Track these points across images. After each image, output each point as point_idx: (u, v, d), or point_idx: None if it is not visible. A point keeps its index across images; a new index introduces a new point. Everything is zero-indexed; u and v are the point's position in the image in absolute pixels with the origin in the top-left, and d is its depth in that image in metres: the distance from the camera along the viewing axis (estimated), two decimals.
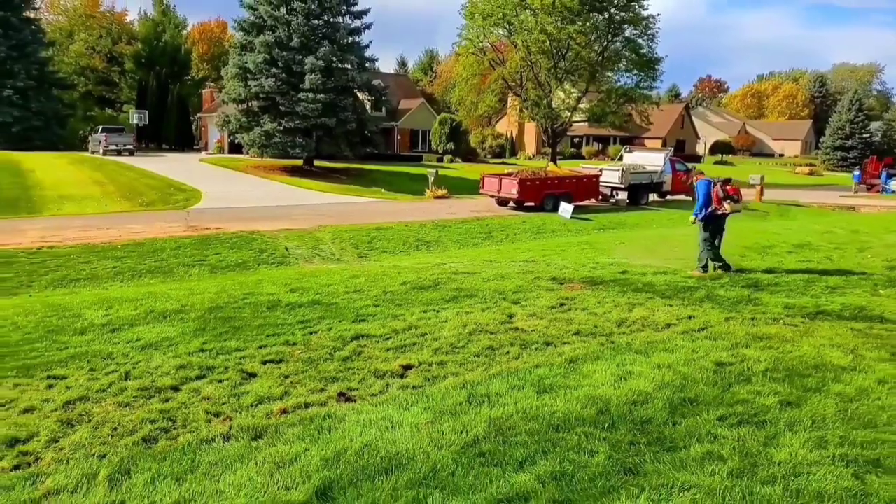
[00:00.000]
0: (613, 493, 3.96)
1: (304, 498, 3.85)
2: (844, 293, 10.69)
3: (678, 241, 19.34)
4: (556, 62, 55.19)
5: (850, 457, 4.53)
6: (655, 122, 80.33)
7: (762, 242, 17.74)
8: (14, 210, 27.01)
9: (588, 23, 53.64)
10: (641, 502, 3.86)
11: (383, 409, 5.37)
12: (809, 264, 13.87)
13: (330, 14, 40.88)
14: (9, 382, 5.98)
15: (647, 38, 56.49)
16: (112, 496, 3.92)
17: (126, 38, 68.63)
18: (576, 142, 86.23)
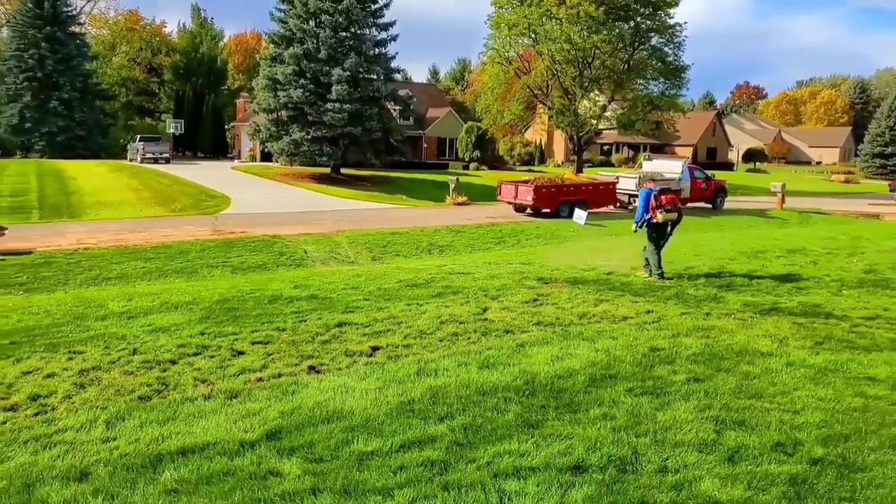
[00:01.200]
0: (507, 439, 4.87)
1: (256, 437, 4.85)
2: (808, 293, 11.36)
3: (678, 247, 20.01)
4: (582, 71, 55.86)
5: (721, 418, 5.36)
6: (686, 130, 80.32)
7: (756, 247, 18.31)
8: (57, 214, 28.71)
9: (613, 32, 54.20)
10: (527, 445, 4.76)
11: (343, 378, 6.35)
12: (792, 268, 14.47)
13: (357, 26, 42.19)
14: (37, 356, 7.11)
15: (674, 46, 56.75)
16: (108, 433, 4.97)
17: (165, 49, 71.15)
18: (605, 149, 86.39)
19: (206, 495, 4.01)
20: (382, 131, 42.06)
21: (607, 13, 52.68)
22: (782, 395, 5.95)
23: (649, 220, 13.10)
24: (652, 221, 13.02)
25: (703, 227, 29.89)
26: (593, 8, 51.51)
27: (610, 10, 53.17)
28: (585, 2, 51.59)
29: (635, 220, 13.71)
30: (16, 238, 20.25)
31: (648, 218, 13.14)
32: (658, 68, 56.55)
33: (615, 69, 55.87)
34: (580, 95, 56.42)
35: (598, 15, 51.70)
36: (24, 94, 49.93)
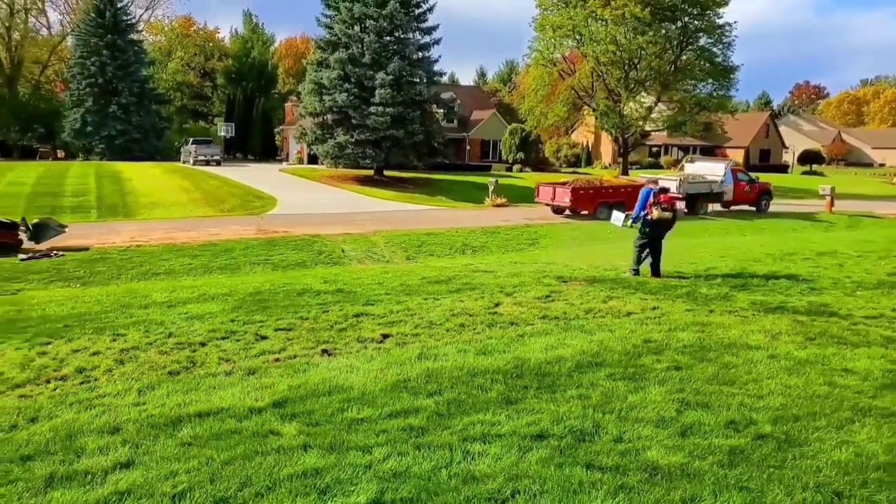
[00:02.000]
0: (484, 412, 5.47)
1: (264, 405, 5.56)
2: (822, 294, 11.59)
3: (706, 248, 20.22)
4: (627, 72, 55.76)
5: (687, 400, 5.85)
6: (738, 131, 79.06)
7: (787, 250, 18.41)
8: (113, 214, 30.29)
9: (659, 33, 53.91)
10: (500, 417, 5.35)
11: (351, 360, 7.03)
12: (815, 270, 14.61)
13: (400, 31, 43.06)
14: (86, 337, 8.00)
15: (723, 46, 56.10)
16: (139, 399, 5.75)
17: (218, 54, 73.45)
18: (654, 151, 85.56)
19: (214, 447, 4.71)
20: (424, 134, 42.85)
21: (653, 14, 52.44)
22: (754, 383, 6.38)
23: (645, 216, 13.55)
24: (647, 218, 13.45)
25: (744, 231, 29.81)
26: (639, 9, 51.37)
27: (656, 11, 52.92)
28: (631, 2, 51.49)
29: (632, 215, 14.14)
30: (75, 236, 21.63)
31: (644, 214, 13.59)
32: (706, 69, 55.95)
33: (661, 70, 55.58)
34: (625, 97, 56.26)
35: (643, 16, 51.51)
36: (86, 100, 52.47)
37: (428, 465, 4.45)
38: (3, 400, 5.85)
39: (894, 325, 9.14)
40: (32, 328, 8.50)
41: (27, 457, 4.62)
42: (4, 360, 7.04)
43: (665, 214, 13.46)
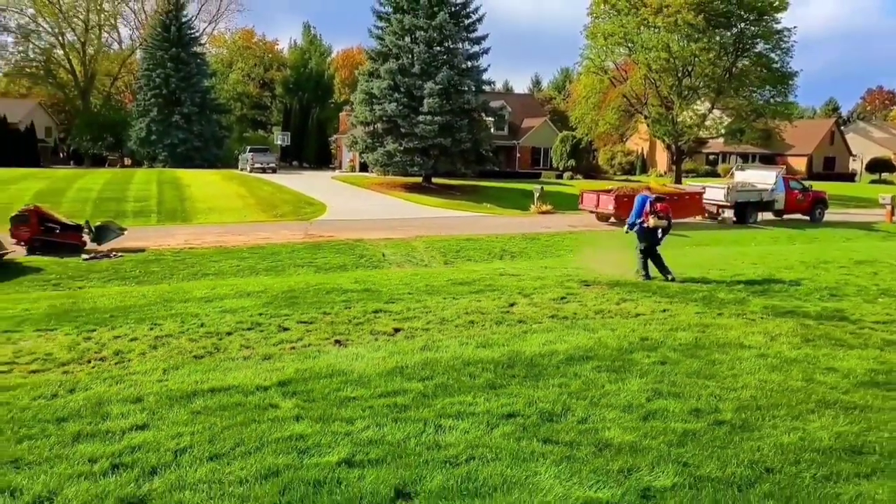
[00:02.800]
0: (465, 394, 6.00)
1: (270, 384, 6.22)
2: (842, 300, 11.66)
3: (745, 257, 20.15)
4: (681, 79, 55.29)
5: (661, 390, 6.24)
6: (801, 139, 77.14)
7: (824, 258, 18.27)
8: (172, 218, 31.80)
9: (714, 39, 53.28)
10: (479, 399, 5.87)
11: (360, 349, 7.65)
12: (846, 277, 14.57)
13: (450, 41, 43.81)
14: (127, 326, 8.85)
15: (781, 52, 55.08)
16: (163, 377, 6.50)
17: (276, 65, 75.78)
18: (711, 159, 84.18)
19: (219, 416, 5.38)
20: (472, 142, 43.44)
21: (707, 20, 51.89)
22: (733, 377, 6.73)
23: (641, 223, 13.87)
24: (643, 225, 13.76)
25: (794, 239, 29.30)
26: (692, 16, 50.96)
27: (710, 18, 52.34)
28: (684, 9, 51.11)
29: (627, 222, 14.51)
30: (133, 238, 22.99)
31: (641, 222, 13.91)
32: (762, 76, 54.90)
33: (715, 77, 54.92)
34: (678, 104, 55.73)
35: (697, 23, 51.05)
36: (151, 110, 55.08)
37: (401, 434, 5.02)
38: (49, 375, 6.68)
39: None
40: (83, 318, 9.41)
41: (62, 418, 5.38)
42: (55, 343, 7.92)
43: (661, 223, 13.81)
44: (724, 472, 4.51)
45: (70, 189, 34.96)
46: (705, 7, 51.78)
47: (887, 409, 5.83)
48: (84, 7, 67.05)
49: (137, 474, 4.34)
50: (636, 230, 14.09)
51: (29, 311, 10.09)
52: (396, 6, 43.70)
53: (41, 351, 7.50)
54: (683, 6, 51.39)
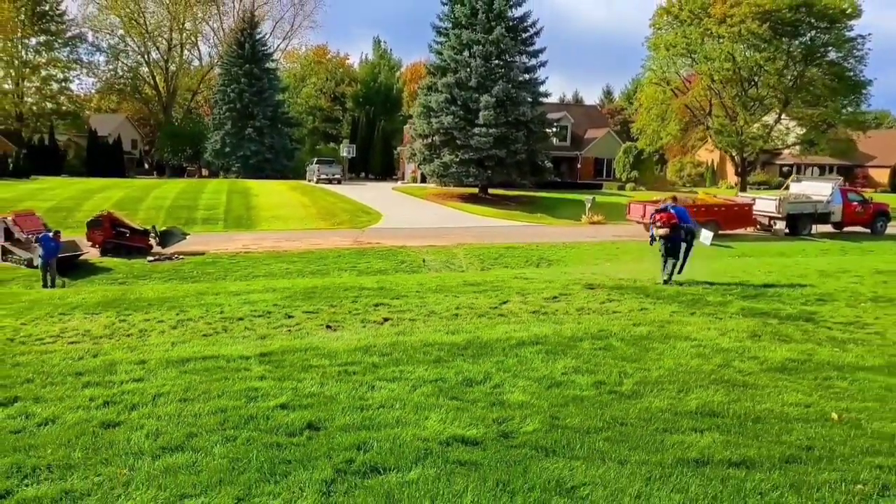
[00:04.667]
0: (410, 365, 7.13)
1: (251, 354, 7.53)
2: (825, 304, 12.13)
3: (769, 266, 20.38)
4: (746, 89, 54.69)
5: (580, 367, 7.19)
6: (884, 149, 74.45)
7: (845, 267, 18.42)
8: (237, 225, 34.07)
9: (780, 48, 52.48)
10: (419, 369, 6.98)
11: (344, 333, 8.89)
12: (852, 286, 14.81)
13: (507, 55, 44.92)
14: (158, 311, 10.40)
15: (855, 59, 53.79)
16: (170, 348, 7.92)
17: (347, 80, 78.68)
18: (785, 170, 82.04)
19: (200, 374, 6.71)
20: (527, 153, 44.37)
21: (773, 29, 51.22)
22: (655, 361, 7.61)
23: (651, 235, 14.84)
24: (655, 237, 14.74)
25: (847, 251, 28.90)
26: (756, 25, 50.47)
27: (776, 27, 51.61)
28: (749, 19, 50.66)
29: (650, 234, 15.39)
30: (196, 243, 25.10)
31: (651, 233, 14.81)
32: (832, 85, 53.52)
33: (782, 87, 54.08)
34: (742, 115, 55.07)
35: (762, 32, 50.53)
36: (226, 123, 58.51)
37: (337, 390, 6.22)
38: (82, 345, 8.21)
39: (860, 330, 9.81)
40: (125, 305, 11.04)
41: (79, 373, 6.83)
42: (96, 323, 9.51)
43: (661, 232, 14.63)
44: (583, 424, 5.49)
45: (147, 198, 37.86)
46: (771, 16, 51.11)
47: (769, 387, 6.62)
48: (168, 27, 71.95)
49: (121, 409, 5.69)
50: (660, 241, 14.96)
51: (84, 300, 11.83)
52: (455, 22, 45.22)
53: (82, 328, 9.09)
54: (748, 15, 50.90)
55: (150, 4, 71.37)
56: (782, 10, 51.39)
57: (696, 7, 55.43)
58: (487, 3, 43.76)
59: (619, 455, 4.82)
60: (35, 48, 66.71)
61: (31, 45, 66.38)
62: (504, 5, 44.24)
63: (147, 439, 4.94)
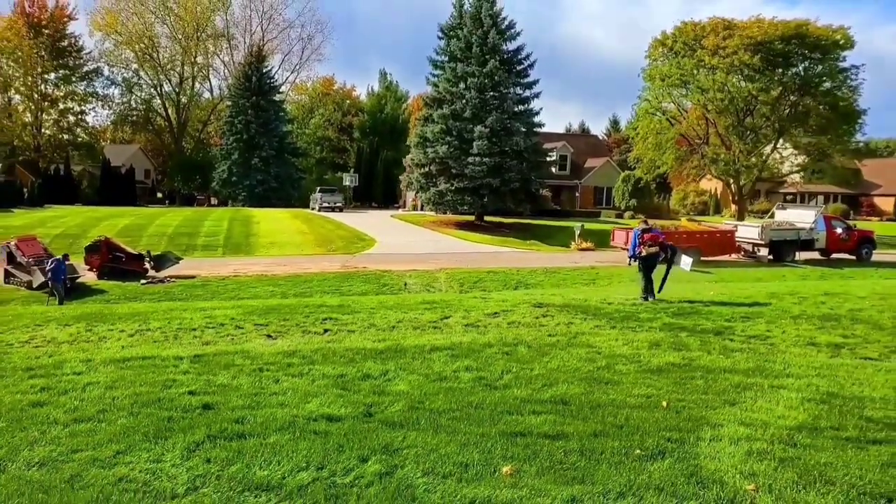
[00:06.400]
0: (323, 364, 8.14)
1: (186, 355, 8.57)
2: (749, 321, 13.00)
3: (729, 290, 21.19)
4: (742, 119, 55.75)
5: (472, 366, 8.17)
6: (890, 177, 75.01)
7: (797, 291, 19.16)
8: (236, 251, 35.31)
9: (773, 79, 53.56)
10: (327, 367, 7.99)
11: (279, 341, 9.93)
12: (790, 305, 15.58)
13: (502, 87, 46.31)
14: (123, 323, 11.51)
15: (848, 89, 54.84)
16: (119, 351, 8.98)
17: (354, 110, 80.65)
18: (788, 199, 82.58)
19: (133, 370, 7.78)
20: (521, 182, 45.51)
21: (764, 60, 52.37)
22: (543, 364, 8.57)
23: (638, 254, 15.69)
24: (640, 255, 15.59)
25: (827, 277, 29.48)
26: (748, 56, 51.67)
27: (768, 58, 52.75)
28: (741, 50, 51.87)
29: (629, 254, 16.29)
30: (189, 267, 26.31)
31: (638, 252, 15.72)
32: (825, 114, 54.39)
33: (773, 117, 55.16)
34: (736, 144, 56.09)
35: (754, 63, 51.68)
36: (233, 153, 60.39)
37: (243, 382, 7.25)
38: (43, 348, 9.31)
39: (758, 342, 10.70)
40: (96, 318, 12.15)
41: (31, 368, 7.93)
42: (63, 332, 10.62)
43: (651, 250, 15.67)
44: (442, 406, 6.47)
45: (151, 225, 39.31)
46: (763, 47, 52.31)
47: (629, 383, 7.56)
48: (180, 61, 74.57)
49: (53, 393, 6.77)
50: (637, 261, 16.00)
51: (64, 313, 12.97)
52: (451, 55, 46.82)
53: (50, 336, 10.20)
54: (740, 47, 52.15)
55: (163, 40, 74.21)
56: (774, 41, 52.63)
57: (690, 39, 56.79)
58: (482, 38, 45.29)
59: (454, 428, 5.80)
60: (54, 82, 69.39)
61: (50, 79, 69.02)
62: (498, 39, 45.80)
63: (64, 414, 5.99)
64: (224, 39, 76.51)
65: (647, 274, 15.63)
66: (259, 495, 4.50)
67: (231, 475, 4.76)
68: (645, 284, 15.64)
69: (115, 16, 72.73)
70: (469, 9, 47.05)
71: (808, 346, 10.37)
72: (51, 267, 19.95)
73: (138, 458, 5.03)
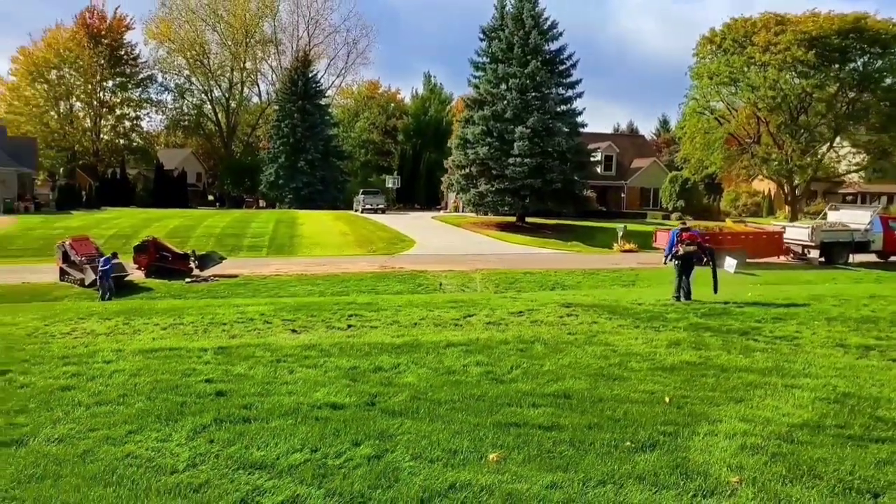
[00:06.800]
0: (340, 357, 8.40)
1: (210, 347, 8.93)
2: (780, 321, 12.81)
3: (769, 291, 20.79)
4: (795, 117, 54.40)
5: (482, 361, 8.32)
6: None
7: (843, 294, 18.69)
8: (279, 252, 36.09)
9: (829, 75, 52.05)
10: (342, 359, 8.25)
11: (303, 335, 10.24)
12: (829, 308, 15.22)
13: (544, 87, 46.15)
14: (159, 317, 12.00)
15: None
16: (150, 342, 9.43)
17: (399, 113, 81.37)
18: (848, 199, 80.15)
19: (158, 359, 8.17)
20: (563, 182, 45.25)
21: (819, 56, 50.96)
22: (555, 360, 8.67)
23: (675, 252, 15.63)
24: (677, 254, 15.53)
25: (882, 280, 28.53)
26: (802, 51, 50.41)
27: (823, 53, 51.36)
28: (794, 46, 50.64)
29: (665, 254, 16.21)
30: (233, 267, 27.05)
31: (675, 251, 15.65)
32: (886, 111, 52.60)
33: (829, 114, 53.67)
34: (789, 143, 54.70)
35: (808, 58, 50.34)
36: (280, 157, 61.68)
37: (259, 372, 7.57)
38: (82, 339, 9.82)
39: (783, 342, 10.57)
40: (135, 313, 12.70)
41: (65, 356, 8.41)
42: (103, 325, 11.15)
43: (689, 249, 15.64)
44: (445, 398, 6.65)
45: (199, 226, 40.48)
46: (818, 42, 50.95)
47: (637, 380, 7.62)
48: (229, 67, 76.62)
49: (81, 379, 7.19)
50: (673, 260, 16.00)
51: (107, 308, 13.59)
52: (492, 57, 46.92)
53: (90, 328, 10.74)
54: (793, 42, 50.93)
55: (213, 46, 76.28)
56: (830, 36, 51.23)
57: (740, 35, 55.73)
58: (523, 38, 45.26)
59: (452, 418, 5.98)
60: (111, 89, 72.01)
61: (108, 87, 71.69)
62: (540, 40, 45.68)
63: (88, 397, 6.39)
64: (272, 45, 78.27)
65: (682, 273, 15.52)
66: (252, 473, 4.77)
67: (229, 454, 5.05)
68: (678, 284, 15.54)
69: (169, 24, 75.14)
70: (511, 10, 47.08)
71: (837, 347, 10.18)
72: (103, 267, 20.84)
73: (147, 437, 5.37)
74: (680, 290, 15.51)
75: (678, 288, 15.52)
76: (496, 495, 4.44)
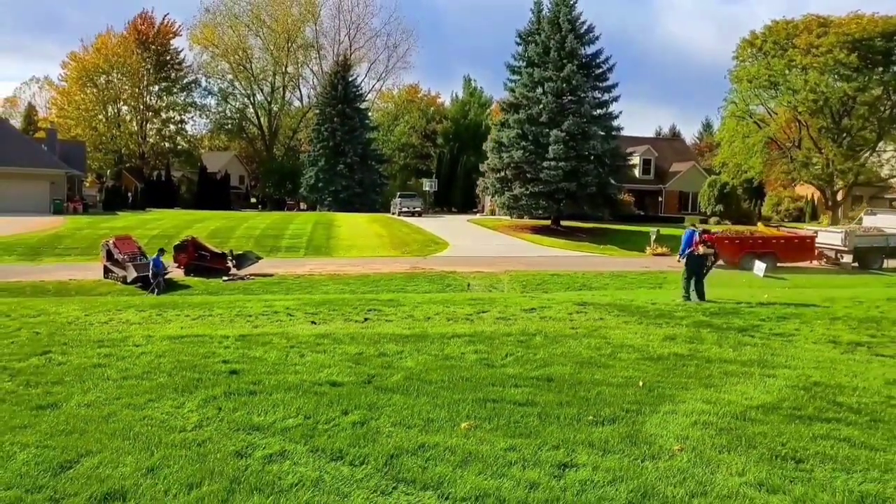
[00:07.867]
0: (348, 344, 9.12)
1: (232, 334, 9.74)
2: (784, 321, 13.13)
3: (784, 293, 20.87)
4: (837, 121, 53.59)
5: (481, 350, 8.94)
6: None
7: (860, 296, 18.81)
8: (316, 253, 37.13)
9: (873, 78, 51.19)
10: (350, 346, 8.95)
11: (321, 326, 11.00)
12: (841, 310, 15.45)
13: (580, 91, 46.41)
14: (191, 310, 12.88)
15: None
16: (178, 331, 10.27)
17: (438, 117, 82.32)
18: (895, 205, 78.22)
19: (183, 344, 9.00)
20: (598, 186, 45.43)
21: (862, 58, 50.18)
22: (548, 349, 9.23)
23: (691, 252, 16.08)
24: (694, 254, 15.98)
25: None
26: (844, 54, 49.72)
27: (867, 56, 50.58)
28: (836, 48, 49.98)
29: (679, 252, 16.65)
30: (269, 266, 28.12)
31: (691, 251, 16.09)
32: None
33: (873, 118, 52.73)
34: (830, 147, 53.85)
35: (850, 61, 49.62)
36: (319, 160, 63.15)
37: (273, 356, 8.32)
38: (117, 327, 10.75)
39: (778, 338, 10.93)
40: (169, 306, 13.66)
41: (101, 340, 9.31)
42: (138, 315, 12.10)
43: (709, 250, 16.14)
44: (437, 378, 7.29)
45: (239, 228, 41.87)
46: (861, 45, 50.20)
47: (620, 367, 8.14)
48: (272, 71, 78.73)
49: (112, 359, 8.06)
50: (686, 259, 16.47)
51: (143, 301, 14.60)
52: (528, 61, 47.41)
53: (126, 318, 11.68)
54: (836, 45, 50.29)
55: (256, 51, 78.45)
56: (874, 38, 50.47)
57: (781, 38, 55.14)
58: (559, 42, 45.64)
59: (437, 394, 6.62)
60: (157, 93, 74.65)
61: (154, 91, 74.32)
62: (576, 44, 46.01)
63: (117, 373, 7.23)
64: (313, 49, 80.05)
65: (693, 274, 15.91)
66: (250, 433, 5.49)
67: (232, 419, 5.78)
68: (687, 285, 15.92)
69: (213, 30, 77.52)
70: (547, 14, 47.51)
71: (828, 343, 10.52)
72: (156, 266, 22.66)
73: (163, 405, 6.16)
74: (689, 290, 15.86)
75: (686, 288, 15.89)
76: (458, 454, 5.07)
